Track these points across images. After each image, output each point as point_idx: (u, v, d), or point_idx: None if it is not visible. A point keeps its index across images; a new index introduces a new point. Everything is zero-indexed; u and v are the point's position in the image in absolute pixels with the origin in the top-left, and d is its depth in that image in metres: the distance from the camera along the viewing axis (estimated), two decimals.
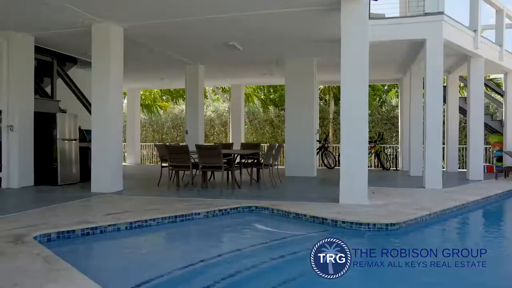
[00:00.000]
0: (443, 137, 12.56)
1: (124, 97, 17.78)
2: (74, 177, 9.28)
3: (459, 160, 13.43)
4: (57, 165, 8.85)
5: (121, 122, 8.40)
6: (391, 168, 13.79)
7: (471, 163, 10.32)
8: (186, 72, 11.98)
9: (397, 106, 15.98)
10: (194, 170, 8.53)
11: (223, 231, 5.89)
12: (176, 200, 7.01)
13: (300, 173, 10.97)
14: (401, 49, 10.02)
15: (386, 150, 15.22)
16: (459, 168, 13.07)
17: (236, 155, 9.09)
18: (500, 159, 11.99)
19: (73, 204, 6.58)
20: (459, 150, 13.35)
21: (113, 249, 4.90)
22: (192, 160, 8.40)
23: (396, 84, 16.51)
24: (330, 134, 17.07)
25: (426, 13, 8.53)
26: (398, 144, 15.05)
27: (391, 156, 15.48)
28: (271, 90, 21.50)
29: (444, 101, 12.66)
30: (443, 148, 12.83)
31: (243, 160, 9.56)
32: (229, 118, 17.20)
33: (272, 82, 17.48)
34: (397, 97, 16.08)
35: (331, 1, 6.67)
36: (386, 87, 20.25)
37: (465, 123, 12.17)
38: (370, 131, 16.50)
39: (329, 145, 14.33)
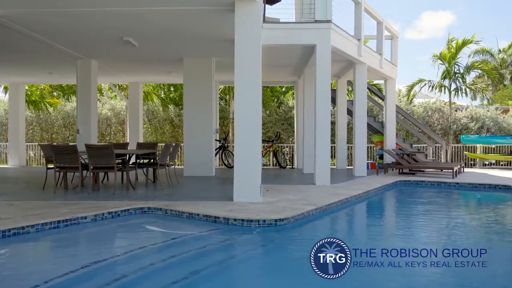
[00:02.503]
0: (334, 137, 13.56)
1: (5, 92, 16.02)
2: None
3: (348, 158, 14.58)
4: None
5: None
6: (287, 167, 14.43)
7: (356, 160, 11.23)
8: (78, 67, 11.19)
9: (293, 107, 16.76)
10: (85, 172, 8.03)
11: (111, 235, 5.63)
12: (62, 204, 6.52)
13: (199, 172, 10.94)
14: (295, 53, 10.54)
15: (283, 150, 15.90)
16: (348, 165, 14.16)
17: (131, 155, 8.76)
18: (381, 156, 13.29)
19: None
20: (348, 149, 14.49)
21: None
22: (83, 161, 7.90)
23: (293, 86, 17.33)
24: (230, 133, 17.30)
25: (316, 21, 9.10)
26: (294, 143, 15.79)
27: (288, 155, 16.22)
28: (171, 89, 21.11)
29: (334, 103, 13.66)
30: (334, 147, 13.84)
31: (138, 160, 9.25)
32: (126, 117, 16.49)
33: (172, 81, 17.17)
34: (294, 99, 16.87)
35: (227, 2, 6.75)
36: (284, 89, 21.15)
37: (352, 124, 13.23)
38: (268, 131, 17.11)
39: (229, 144, 14.51)
